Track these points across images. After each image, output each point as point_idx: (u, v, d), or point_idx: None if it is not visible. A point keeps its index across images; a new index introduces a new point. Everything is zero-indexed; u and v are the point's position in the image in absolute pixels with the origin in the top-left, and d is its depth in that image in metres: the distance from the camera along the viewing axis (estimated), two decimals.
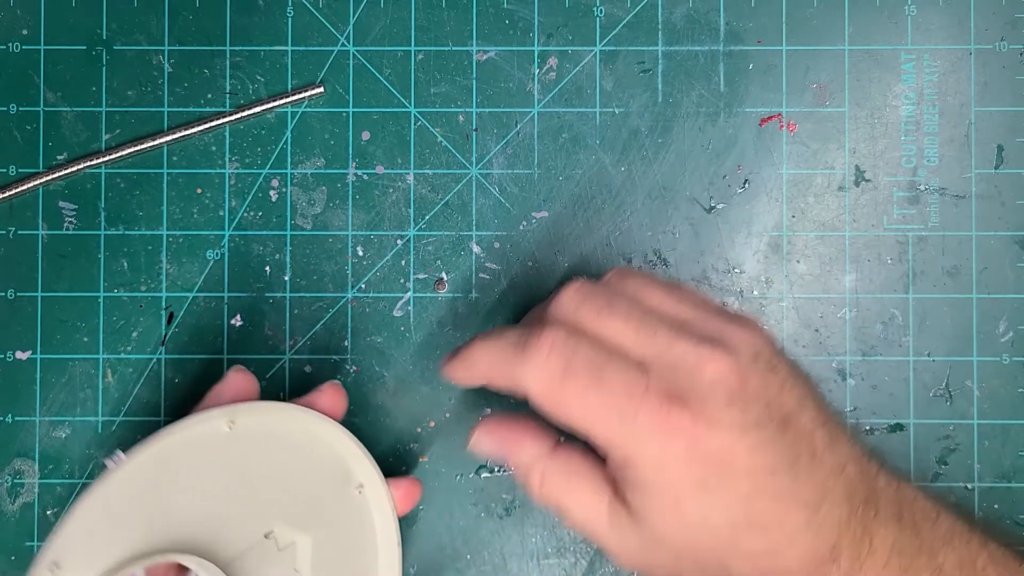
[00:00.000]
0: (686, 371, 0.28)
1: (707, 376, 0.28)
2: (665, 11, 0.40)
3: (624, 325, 0.29)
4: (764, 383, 0.29)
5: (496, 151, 0.39)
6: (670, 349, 0.29)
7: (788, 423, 0.28)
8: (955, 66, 0.39)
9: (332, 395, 0.34)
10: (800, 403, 0.29)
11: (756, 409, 0.28)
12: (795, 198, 0.39)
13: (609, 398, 0.28)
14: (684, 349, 0.29)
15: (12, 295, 0.39)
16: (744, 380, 0.28)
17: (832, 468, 0.29)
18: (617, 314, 0.30)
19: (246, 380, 0.33)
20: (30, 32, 0.39)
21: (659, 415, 0.27)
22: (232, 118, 0.39)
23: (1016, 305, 0.39)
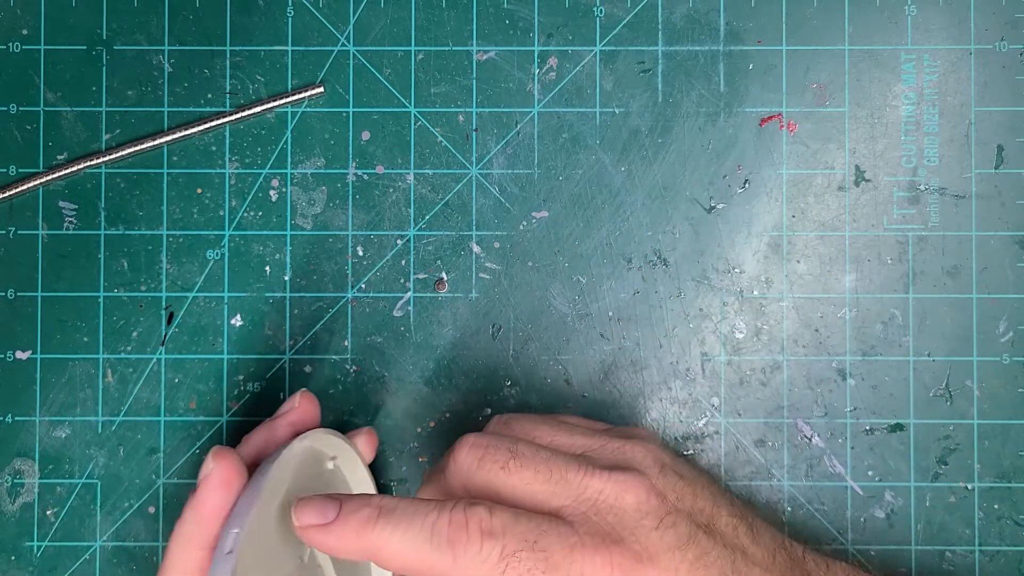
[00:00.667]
0: (608, 507, 0.28)
1: (629, 505, 0.28)
2: (665, 11, 0.40)
3: (533, 475, 0.29)
4: (679, 493, 0.29)
5: (496, 151, 0.39)
6: (584, 489, 0.28)
7: (712, 527, 0.29)
8: (955, 66, 0.39)
9: (307, 404, 0.34)
10: (714, 502, 0.30)
11: (682, 524, 0.28)
12: (795, 198, 0.39)
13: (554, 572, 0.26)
14: (598, 485, 0.28)
15: (12, 295, 0.39)
16: (662, 497, 0.28)
17: (764, 561, 0.29)
18: (524, 464, 0.29)
19: (313, 405, 0.34)
20: (30, 32, 0.39)
21: (603, 563, 0.27)
22: (232, 118, 0.39)
23: (1016, 305, 0.39)
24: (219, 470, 0.29)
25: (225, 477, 0.29)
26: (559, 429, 0.32)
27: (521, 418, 0.33)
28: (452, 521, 0.27)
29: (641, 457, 0.30)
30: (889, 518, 0.38)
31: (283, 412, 0.34)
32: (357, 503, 0.28)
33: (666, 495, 0.29)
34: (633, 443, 0.30)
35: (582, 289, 0.39)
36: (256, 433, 0.33)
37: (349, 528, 0.27)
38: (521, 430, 0.32)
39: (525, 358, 0.39)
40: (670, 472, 0.30)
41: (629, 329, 0.39)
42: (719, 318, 0.39)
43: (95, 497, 0.38)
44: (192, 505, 0.29)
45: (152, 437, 0.39)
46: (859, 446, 0.39)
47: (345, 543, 0.28)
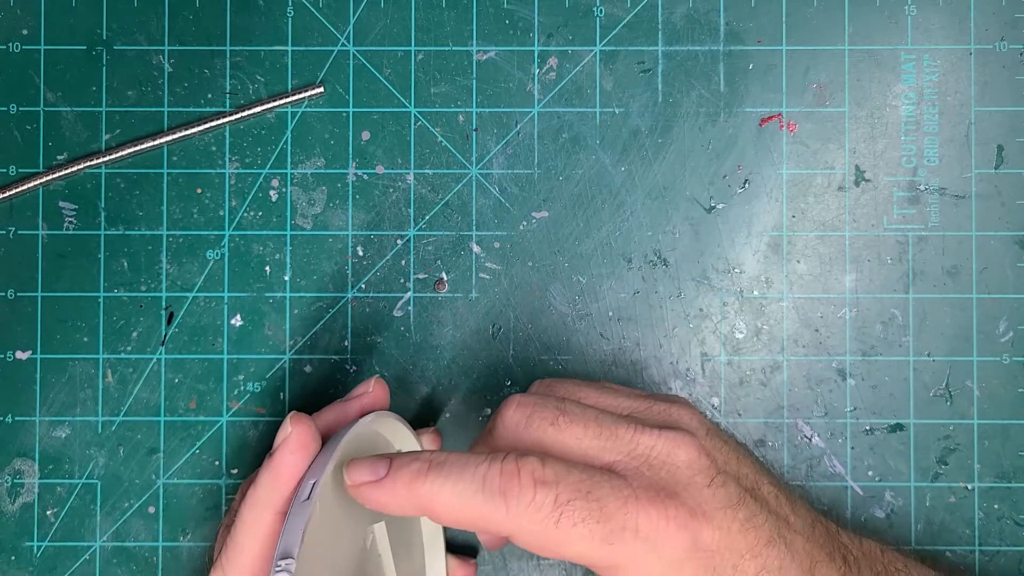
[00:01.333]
0: (660, 463, 0.28)
1: (682, 462, 0.28)
2: (665, 11, 0.40)
3: (583, 431, 0.28)
4: (725, 456, 0.29)
5: (496, 151, 0.39)
6: (636, 445, 0.28)
7: (756, 493, 0.29)
8: (955, 66, 0.39)
9: (379, 390, 0.34)
10: (756, 470, 0.30)
11: (731, 485, 0.28)
12: (795, 198, 0.39)
13: (608, 522, 0.26)
14: (649, 441, 0.28)
15: (12, 295, 0.39)
16: (712, 457, 0.28)
17: (805, 531, 0.29)
18: (573, 420, 0.29)
19: (385, 391, 0.34)
20: (30, 32, 0.39)
21: (658, 516, 0.27)
22: (232, 118, 0.39)
23: (1016, 305, 0.39)
24: (297, 434, 0.29)
25: (303, 441, 0.29)
26: (603, 391, 0.31)
27: (564, 381, 0.32)
28: (504, 471, 0.26)
29: (688, 419, 0.30)
30: (889, 518, 0.38)
31: (356, 395, 0.34)
32: (407, 458, 0.28)
33: (715, 456, 0.29)
34: (678, 406, 0.30)
35: (582, 289, 0.39)
36: (328, 410, 0.34)
37: (400, 482, 0.27)
38: (565, 391, 0.31)
39: (525, 358, 0.39)
40: (715, 435, 0.30)
41: (629, 329, 0.39)
42: (719, 318, 0.39)
43: (95, 497, 0.38)
44: (268, 468, 0.29)
45: (152, 437, 0.39)
46: (859, 446, 0.39)
47: (397, 497, 0.27)
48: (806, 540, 0.29)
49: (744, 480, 0.29)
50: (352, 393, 0.34)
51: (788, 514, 0.29)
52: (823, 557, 0.29)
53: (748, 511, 0.28)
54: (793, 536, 0.28)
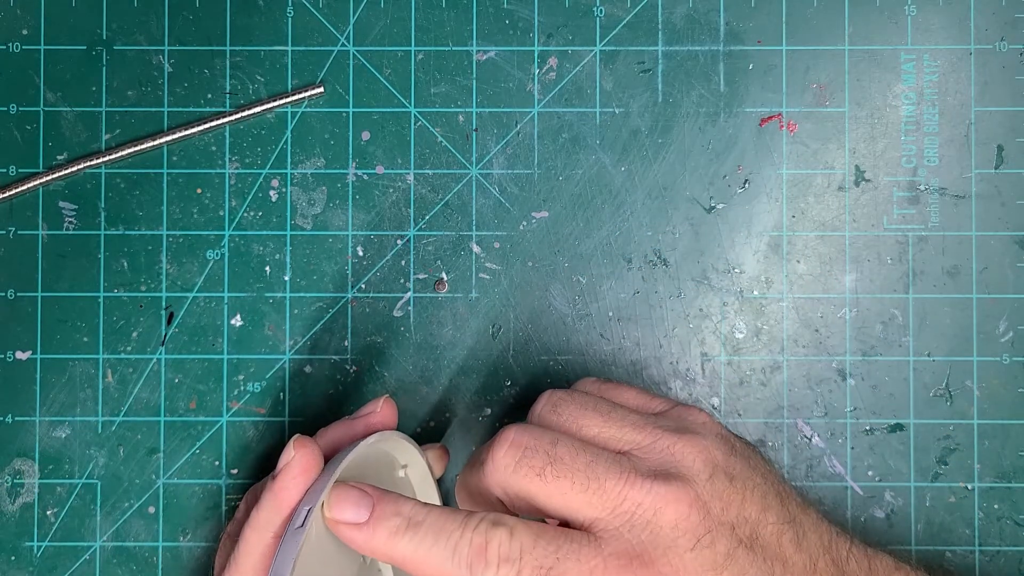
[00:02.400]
0: (644, 523, 0.27)
1: (666, 522, 0.27)
2: (665, 11, 0.40)
3: (569, 485, 0.28)
4: (725, 502, 0.28)
5: (496, 151, 0.39)
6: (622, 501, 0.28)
7: (755, 538, 0.28)
8: (955, 66, 0.39)
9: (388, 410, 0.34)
10: (763, 506, 0.29)
11: (722, 540, 0.27)
12: (795, 198, 0.39)
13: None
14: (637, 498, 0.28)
15: (12, 295, 0.39)
16: (705, 510, 0.28)
17: (805, 570, 0.28)
18: (561, 473, 0.28)
19: (393, 411, 0.34)
20: (30, 32, 0.39)
21: None
22: (232, 118, 0.39)
23: (1016, 305, 0.39)
24: (300, 458, 0.29)
25: (306, 465, 0.29)
26: (609, 418, 0.30)
27: (571, 401, 0.31)
28: (473, 543, 0.27)
29: (691, 460, 0.29)
30: (889, 518, 0.38)
31: (364, 413, 0.34)
32: (389, 510, 0.28)
33: (710, 507, 0.28)
34: (685, 440, 0.29)
35: (582, 289, 0.39)
36: (333, 428, 0.34)
37: (378, 535, 0.28)
38: (569, 417, 0.31)
39: (525, 358, 0.39)
40: (720, 476, 0.29)
41: (629, 329, 0.39)
42: (719, 318, 0.39)
43: (95, 497, 0.38)
44: (271, 492, 0.30)
45: (152, 437, 0.39)
46: (859, 446, 0.39)
47: (374, 548, 0.28)
48: None
49: (742, 527, 0.28)
50: (360, 412, 0.34)
51: (790, 554, 0.28)
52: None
53: (736, 568, 0.27)
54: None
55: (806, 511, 0.30)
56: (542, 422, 0.31)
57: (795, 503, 0.30)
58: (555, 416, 0.31)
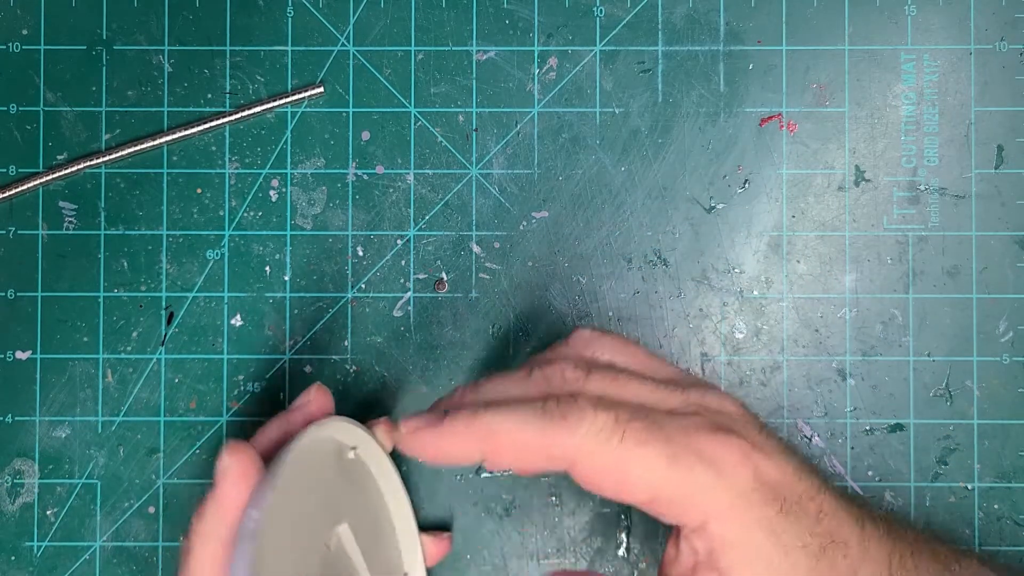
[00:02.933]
0: (714, 410, 0.29)
1: (733, 410, 0.29)
2: (665, 11, 0.40)
3: (639, 386, 0.29)
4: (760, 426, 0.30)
5: (496, 151, 0.39)
6: (689, 396, 0.29)
7: (794, 452, 0.30)
8: (955, 66, 0.39)
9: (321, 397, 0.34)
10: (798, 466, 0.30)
11: (777, 438, 0.29)
12: (795, 198, 0.39)
13: (671, 444, 0.27)
14: (699, 394, 0.29)
15: (12, 295, 0.39)
16: (754, 415, 0.30)
17: (838, 492, 0.29)
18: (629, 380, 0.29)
19: (328, 398, 0.34)
20: (30, 32, 0.39)
21: (720, 445, 0.27)
22: (232, 118, 0.39)
23: (1016, 305, 0.39)
24: (236, 464, 0.29)
25: (243, 470, 0.29)
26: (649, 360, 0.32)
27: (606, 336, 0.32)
28: (562, 399, 0.27)
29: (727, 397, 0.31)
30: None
31: (298, 405, 0.33)
32: (466, 394, 0.29)
33: (758, 419, 0.30)
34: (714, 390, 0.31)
35: (582, 289, 0.39)
36: (270, 425, 0.33)
37: (460, 422, 0.28)
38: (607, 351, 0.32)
39: (525, 358, 0.39)
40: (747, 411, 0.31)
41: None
42: (719, 318, 0.39)
43: (95, 497, 0.38)
44: (211, 500, 0.29)
45: (152, 437, 0.39)
46: (859, 446, 0.39)
47: (457, 437, 0.28)
48: (847, 500, 0.29)
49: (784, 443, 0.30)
50: (293, 404, 0.34)
51: (824, 478, 0.30)
52: (867, 516, 0.29)
53: (797, 461, 0.29)
54: (835, 493, 0.29)
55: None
56: None
57: None
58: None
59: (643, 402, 0.29)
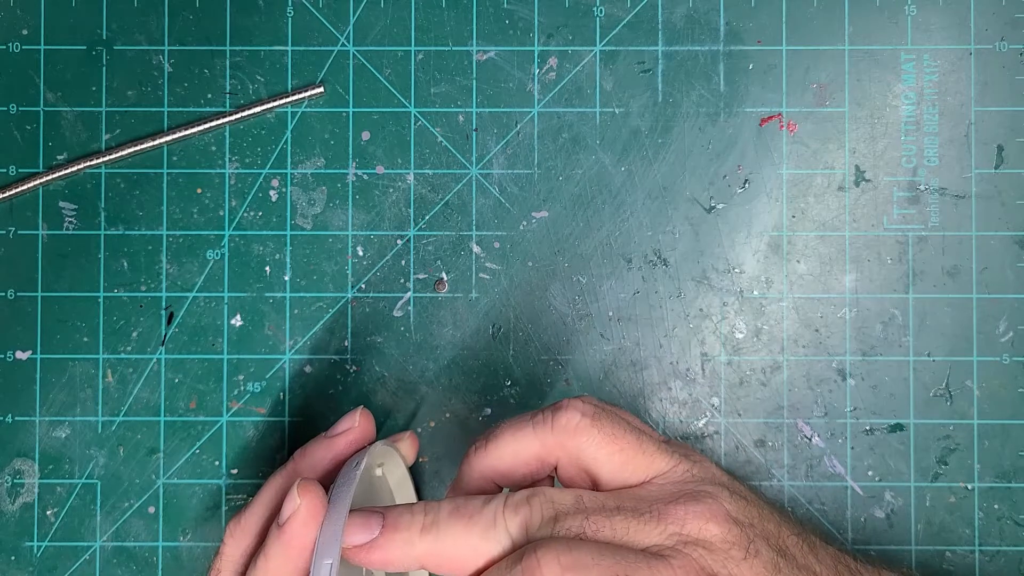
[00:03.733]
0: (694, 541, 0.27)
1: (715, 536, 0.27)
2: (665, 11, 0.40)
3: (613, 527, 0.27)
4: (749, 517, 0.28)
5: (496, 151, 0.39)
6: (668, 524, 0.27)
7: (784, 550, 0.28)
8: (955, 66, 0.39)
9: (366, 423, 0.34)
10: (778, 522, 0.29)
11: (764, 551, 0.27)
12: (795, 198, 0.39)
13: None
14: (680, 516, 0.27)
15: (12, 295, 0.39)
16: (740, 524, 0.28)
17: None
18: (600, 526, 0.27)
19: (371, 423, 0.34)
20: (30, 32, 0.39)
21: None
22: (232, 118, 0.39)
23: (1016, 305, 0.39)
24: (308, 505, 0.29)
25: (314, 511, 0.29)
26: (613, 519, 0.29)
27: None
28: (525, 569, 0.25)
29: (708, 480, 0.29)
30: (889, 518, 0.38)
31: (342, 430, 0.33)
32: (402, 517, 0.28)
33: (740, 521, 0.28)
34: (696, 465, 0.30)
35: (582, 289, 0.39)
36: (316, 451, 0.33)
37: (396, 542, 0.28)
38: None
39: (525, 358, 0.39)
40: (736, 495, 0.29)
41: (629, 329, 0.39)
42: (719, 318, 0.39)
43: (95, 497, 0.38)
44: (281, 542, 0.29)
45: (152, 437, 0.39)
46: (859, 446, 0.39)
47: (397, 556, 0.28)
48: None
49: (771, 539, 0.28)
50: (337, 428, 0.33)
51: (814, 564, 0.29)
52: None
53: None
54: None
55: (803, 526, 0.31)
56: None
57: (796, 521, 0.30)
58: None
59: (619, 542, 0.27)
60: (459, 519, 0.27)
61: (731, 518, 0.28)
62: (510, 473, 0.31)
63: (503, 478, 0.31)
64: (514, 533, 0.27)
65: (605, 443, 0.29)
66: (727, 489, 0.29)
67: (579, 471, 0.30)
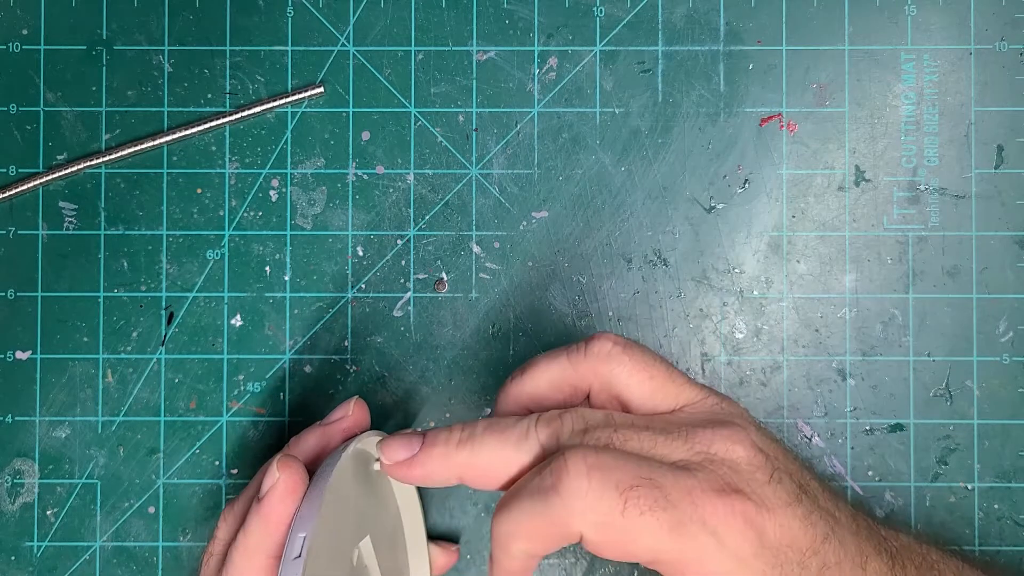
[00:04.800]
0: (720, 460, 0.28)
1: (740, 458, 0.28)
2: (665, 11, 0.40)
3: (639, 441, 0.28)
4: (776, 452, 0.29)
5: (496, 151, 0.39)
6: (695, 443, 0.28)
7: (807, 489, 0.29)
8: (955, 66, 0.39)
9: (360, 412, 0.34)
10: (801, 468, 0.30)
11: (787, 481, 0.28)
12: (795, 198, 0.39)
13: (674, 510, 0.26)
14: (706, 438, 0.28)
15: (12, 295, 0.39)
16: (765, 453, 0.28)
17: (851, 527, 0.29)
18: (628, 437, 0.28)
19: (366, 413, 0.34)
20: (30, 32, 0.39)
21: (725, 510, 0.26)
22: (232, 118, 0.39)
23: (1016, 305, 0.39)
24: (286, 480, 0.29)
25: (292, 486, 0.29)
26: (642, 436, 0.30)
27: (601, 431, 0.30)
28: (554, 469, 0.26)
29: (738, 414, 0.30)
30: (889, 518, 0.38)
31: (336, 418, 0.34)
32: (440, 434, 0.29)
33: (767, 451, 0.28)
34: (727, 402, 0.31)
35: (582, 289, 0.39)
36: (308, 437, 0.33)
37: (435, 454, 0.29)
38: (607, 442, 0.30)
39: (525, 358, 0.39)
40: (763, 432, 0.30)
41: (629, 329, 0.39)
42: (719, 318, 0.39)
43: (95, 497, 0.38)
44: (259, 515, 0.29)
45: (152, 437, 0.39)
46: (859, 446, 0.39)
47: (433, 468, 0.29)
48: (854, 535, 0.29)
49: (796, 475, 0.29)
50: (331, 416, 0.34)
51: (834, 509, 0.29)
52: (872, 551, 0.29)
53: (805, 508, 0.28)
54: (843, 532, 0.28)
55: (829, 482, 0.31)
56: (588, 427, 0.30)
57: (815, 470, 0.31)
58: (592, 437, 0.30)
59: (646, 454, 0.28)
60: (493, 433, 0.28)
61: (757, 446, 0.28)
62: (544, 400, 0.31)
63: (538, 405, 0.31)
64: (545, 442, 0.28)
65: (636, 370, 0.30)
66: (753, 425, 0.30)
67: (610, 398, 0.31)
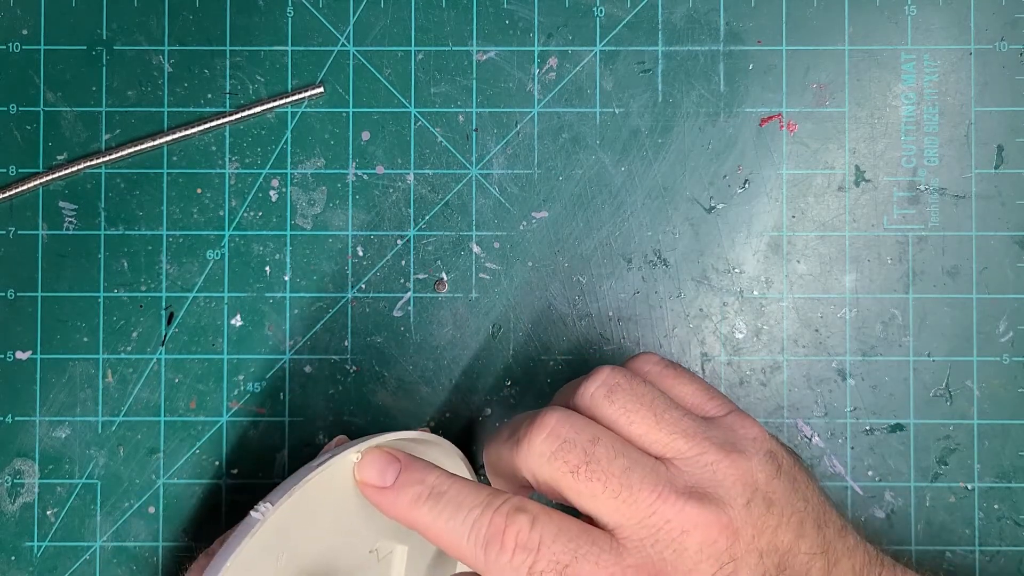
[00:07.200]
0: (669, 540, 0.27)
1: (692, 544, 0.27)
2: (665, 11, 0.40)
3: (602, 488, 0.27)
4: (759, 528, 0.27)
5: (496, 151, 0.39)
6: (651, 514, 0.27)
7: (783, 568, 0.27)
8: (955, 66, 0.39)
9: None
10: (798, 534, 0.28)
11: (746, 569, 0.27)
12: (795, 198, 0.39)
13: None
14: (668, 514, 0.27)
15: (12, 295, 0.39)
16: (735, 536, 0.27)
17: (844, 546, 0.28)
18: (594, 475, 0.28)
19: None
20: (30, 32, 0.39)
21: None
22: (232, 118, 0.39)
23: (1016, 305, 0.39)
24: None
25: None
26: (662, 419, 0.29)
27: (628, 390, 0.29)
28: (492, 524, 0.27)
29: (731, 482, 0.28)
30: (889, 518, 0.38)
31: None
32: (414, 477, 0.29)
33: (741, 534, 0.27)
34: (731, 460, 0.28)
35: (582, 289, 0.39)
36: None
37: (401, 501, 0.29)
38: (620, 409, 0.29)
39: (525, 358, 0.39)
40: (758, 501, 0.28)
41: (629, 329, 0.39)
42: (719, 318, 0.39)
43: (95, 497, 0.38)
44: None
45: (152, 437, 0.39)
46: (859, 446, 0.39)
47: (396, 513, 0.29)
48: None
49: (771, 555, 0.27)
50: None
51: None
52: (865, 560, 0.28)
53: (791, 536, 0.27)
54: (840, 547, 0.28)
55: (843, 536, 0.29)
56: (592, 405, 0.29)
57: (833, 528, 0.29)
58: (607, 404, 0.29)
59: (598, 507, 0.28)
60: (454, 509, 0.28)
61: (728, 529, 0.27)
62: None
63: None
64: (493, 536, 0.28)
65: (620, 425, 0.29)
66: (752, 494, 0.28)
67: None
